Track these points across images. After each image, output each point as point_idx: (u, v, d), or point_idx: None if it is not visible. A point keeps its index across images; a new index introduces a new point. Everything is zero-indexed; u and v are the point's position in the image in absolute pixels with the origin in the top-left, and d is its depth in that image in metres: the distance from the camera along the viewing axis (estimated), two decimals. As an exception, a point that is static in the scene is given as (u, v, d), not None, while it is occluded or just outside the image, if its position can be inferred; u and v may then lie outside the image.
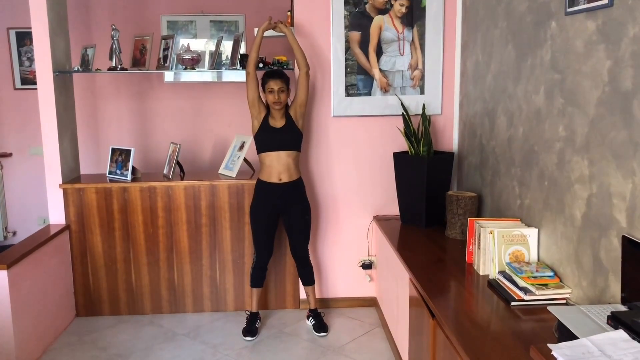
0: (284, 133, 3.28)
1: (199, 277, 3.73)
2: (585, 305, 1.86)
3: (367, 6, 3.52)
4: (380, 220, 3.62)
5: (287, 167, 3.28)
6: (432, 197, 3.28)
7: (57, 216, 3.63)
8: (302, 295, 3.72)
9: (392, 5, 3.53)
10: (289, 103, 3.37)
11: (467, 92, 3.42)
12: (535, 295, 2.10)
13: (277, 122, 3.30)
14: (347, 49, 3.56)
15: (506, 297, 2.17)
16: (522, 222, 2.56)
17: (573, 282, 2.12)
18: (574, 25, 2.08)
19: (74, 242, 3.64)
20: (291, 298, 3.80)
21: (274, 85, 3.22)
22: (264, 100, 3.33)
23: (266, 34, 3.62)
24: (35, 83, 3.67)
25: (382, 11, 3.53)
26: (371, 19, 3.54)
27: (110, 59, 3.72)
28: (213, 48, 3.90)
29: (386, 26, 3.55)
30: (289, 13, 3.74)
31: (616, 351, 1.41)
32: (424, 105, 3.53)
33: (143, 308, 3.74)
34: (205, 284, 3.74)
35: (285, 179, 3.29)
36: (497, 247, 2.41)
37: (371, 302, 3.84)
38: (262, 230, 3.37)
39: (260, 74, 3.36)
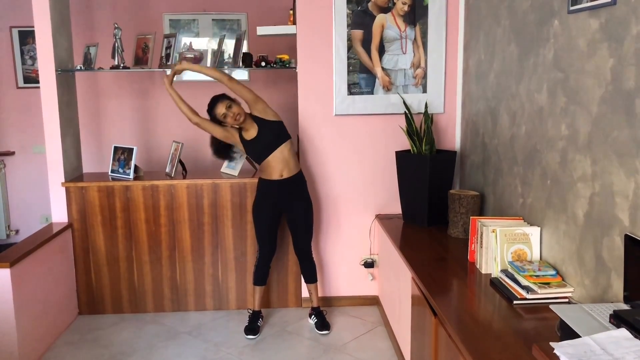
0: (263, 137, 3.25)
1: (201, 275, 3.73)
2: (588, 303, 1.86)
3: (369, 4, 3.52)
4: (383, 218, 3.62)
5: (286, 162, 3.28)
6: (435, 195, 3.28)
7: (59, 214, 3.64)
8: (305, 293, 3.73)
9: (394, 4, 3.52)
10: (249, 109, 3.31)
11: (469, 90, 3.41)
12: (538, 293, 2.10)
13: (251, 131, 3.26)
14: (350, 47, 3.55)
15: (508, 296, 2.17)
16: (524, 221, 2.55)
17: (575, 280, 2.12)
18: (577, 23, 2.07)
19: (76, 241, 3.65)
20: (293, 296, 3.80)
21: (221, 108, 3.21)
22: (229, 126, 3.29)
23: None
24: (37, 82, 3.68)
25: (385, 9, 3.53)
26: (373, 17, 3.53)
27: (113, 57, 3.73)
28: (215, 47, 3.90)
29: (388, 24, 3.54)
30: (291, 11, 3.74)
31: (618, 349, 1.41)
32: (426, 103, 3.53)
33: (145, 306, 3.75)
34: (207, 282, 3.75)
35: (286, 174, 3.29)
36: (500, 245, 2.41)
37: (373, 301, 3.84)
38: (265, 227, 3.37)
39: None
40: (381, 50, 3.56)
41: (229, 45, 4.11)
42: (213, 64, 3.79)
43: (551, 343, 1.51)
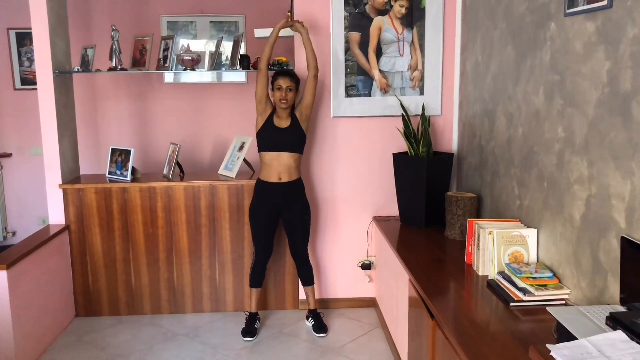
0: (286, 134, 3.28)
1: (198, 277, 3.73)
2: (584, 305, 1.86)
3: (366, 7, 3.53)
4: (380, 220, 3.63)
5: (288, 168, 3.29)
6: (432, 197, 3.28)
7: (56, 216, 3.63)
8: (302, 295, 3.72)
9: (391, 6, 3.53)
10: (296, 105, 3.37)
11: (466, 93, 3.42)
12: (534, 295, 2.11)
13: (282, 122, 3.30)
14: (347, 49, 3.56)
15: (505, 298, 2.17)
16: (521, 223, 2.56)
17: (572, 282, 2.12)
18: (574, 26, 2.08)
19: (73, 242, 3.64)
20: (290, 298, 3.80)
21: (283, 82, 3.24)
22: (272, 100, 3.34)
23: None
24: (35, 83, 3.67)
25: (382, 12, 3.54)
26: (371, 19, 3.54)
27: (110, 59, 3.72)
28: (213, 49, 3.90)
29: (386, 27, 3.55)
30: (288, 13, 3.73)
31: (615, 352, 1.41)
32: (423, 106, 3.53)
33: (142, 308, 3.74)
34: (204, 284, 3.74)
35: (285, 178, 3.29)
36: (496, 247, 2.42)
37: (370, 303, 3.84)
38: (262, 230, 3.37)
39: (270, 73, 3.38)
40: (378, 53, 3.57)
41: (227, 47, 4.12)
42: (210, 66, 3.79)
43: (548, 345, 1.51)
